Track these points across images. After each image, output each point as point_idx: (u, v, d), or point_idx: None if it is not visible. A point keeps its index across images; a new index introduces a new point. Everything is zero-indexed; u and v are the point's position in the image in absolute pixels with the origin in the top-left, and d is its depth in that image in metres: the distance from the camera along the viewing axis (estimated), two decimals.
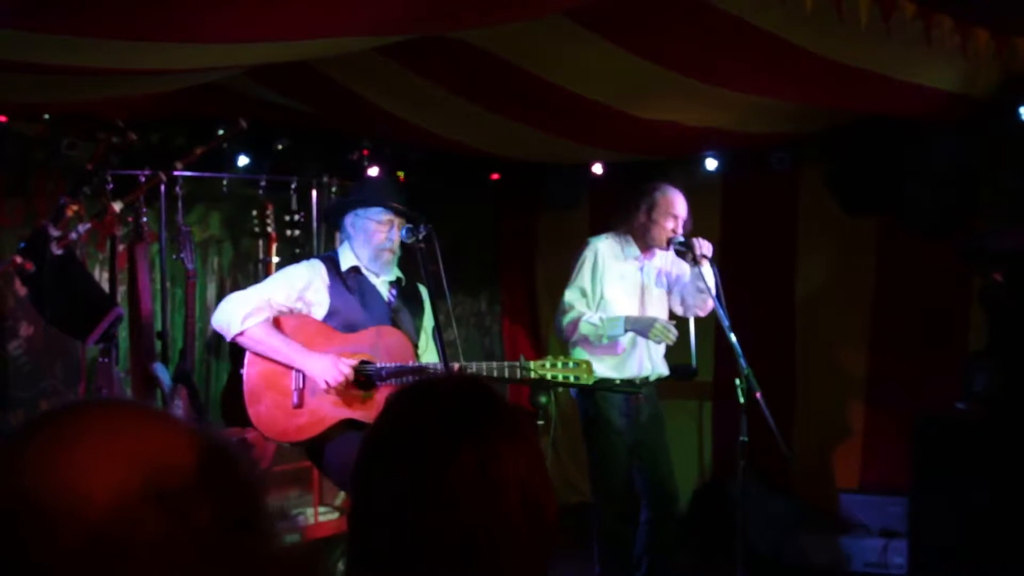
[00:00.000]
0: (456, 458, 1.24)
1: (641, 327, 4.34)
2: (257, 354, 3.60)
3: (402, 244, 3.77)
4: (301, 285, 3.68)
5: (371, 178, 3.87)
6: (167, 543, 0.73)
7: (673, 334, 4.31)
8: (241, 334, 3.56)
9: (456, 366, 3.55)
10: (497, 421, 1.30)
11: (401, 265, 3.86)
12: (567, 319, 4.46)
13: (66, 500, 0.72)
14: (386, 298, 3.79)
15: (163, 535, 0.73)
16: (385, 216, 3.72)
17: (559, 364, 3.70)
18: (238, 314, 3.57)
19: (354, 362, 3.58)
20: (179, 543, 0.73)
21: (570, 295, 4.49)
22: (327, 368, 3.53)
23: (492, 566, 1.22)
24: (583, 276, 4.48)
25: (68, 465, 0.74)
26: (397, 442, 1.29)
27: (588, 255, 4.50)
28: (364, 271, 3.77)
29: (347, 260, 3.76)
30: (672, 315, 4.64)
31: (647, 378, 4.52)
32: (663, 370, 4.59)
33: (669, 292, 4.64)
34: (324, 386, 3.54)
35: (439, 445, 1.25)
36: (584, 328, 4.39)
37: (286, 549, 0.82)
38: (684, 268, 4.52)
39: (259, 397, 3.59)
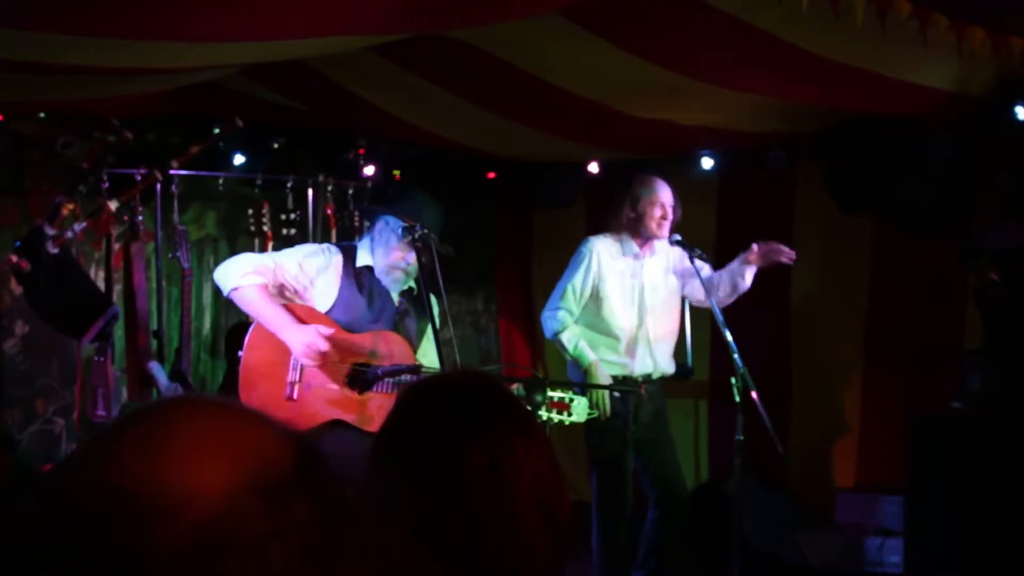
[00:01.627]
0: (465, 456, 1.21)
1: (592, 380, 4.36)
2: (255, 330, 3.55)
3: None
4: (314, 269, 3.62)
5: (417, 196, 3.78)
6: (273, 536, 0.73)
7: (601, 410, 4.29)
8: (236, 290, 3.51)
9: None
10: (508, 417, 1.28)
11: None
12: (554, 319, 4.52)
13: (170, 496, 0.71)
14: (394, 302, 3.75)
15: (269, 529, 0.73)
16: (409, 238, 3.62)
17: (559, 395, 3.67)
18: (239, 270, 3.52)
19: (329, 338, 3.50)
20: (284, 536, 0.73)
21: (558, 290, 4.55)
22: (306, 340, 3.44)
23: (506, 566, 1.20)
24: (575, 275, 4.52)
25: (168, 461, 0.73)
26: (406, 440, 1.27)
27: (584, 253, 4.53)
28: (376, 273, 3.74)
29: (363, 258, 3.70)
30: (679, 316, 4.67)
31: (650, 375, 4.53)
32: (667, 368, 4.60)
33: (683, 287, 4.65)
34: (299, 352, 3.45)
35: (447, 443, 1.23)
36: (564, 340, 4.47)
37: (377, 541, 0.82)
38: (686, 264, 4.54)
39: (254, 384, 3.55)
